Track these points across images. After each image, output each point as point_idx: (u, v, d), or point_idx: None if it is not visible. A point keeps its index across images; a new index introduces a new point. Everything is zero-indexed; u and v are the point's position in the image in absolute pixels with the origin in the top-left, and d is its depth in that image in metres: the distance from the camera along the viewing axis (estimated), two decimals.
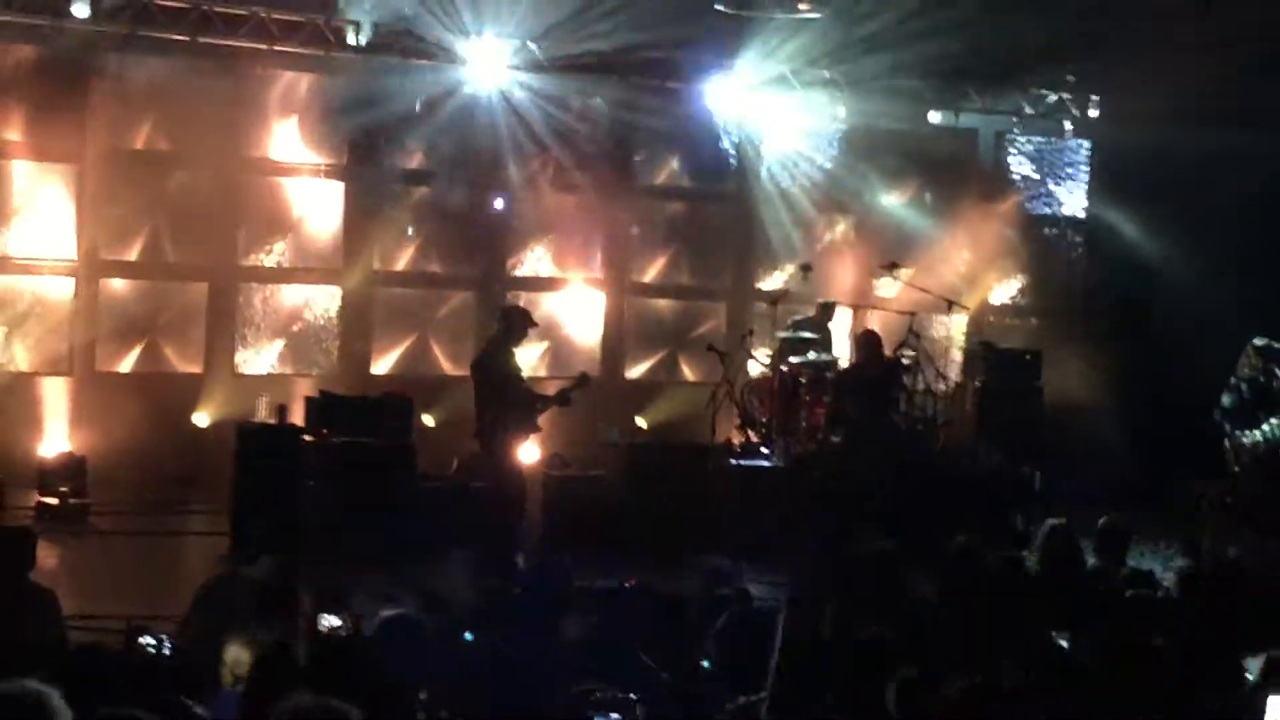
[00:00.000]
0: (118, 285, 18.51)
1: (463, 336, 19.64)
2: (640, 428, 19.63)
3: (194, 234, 18.62)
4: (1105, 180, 21.79)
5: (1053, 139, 22.13)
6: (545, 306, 19.70)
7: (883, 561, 9.38)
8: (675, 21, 18.52)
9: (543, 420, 14.86)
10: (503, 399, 14.26)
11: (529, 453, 15.69)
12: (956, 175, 21.79)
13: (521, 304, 17.00)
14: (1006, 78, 21.00)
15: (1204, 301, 18.81)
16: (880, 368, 17.52)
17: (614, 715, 6.98)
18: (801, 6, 18.60)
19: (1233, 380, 16.22)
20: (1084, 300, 22.04)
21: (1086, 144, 22.21)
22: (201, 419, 18.36)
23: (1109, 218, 21.60)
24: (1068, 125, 21.74)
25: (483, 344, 15.37)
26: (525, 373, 15.17)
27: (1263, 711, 6.80)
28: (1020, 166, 22.60)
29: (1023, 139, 22.32)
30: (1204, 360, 17.42)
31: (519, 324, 14.75)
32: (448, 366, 19.65)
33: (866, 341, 17.88)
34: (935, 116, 21.14)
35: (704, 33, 19.17)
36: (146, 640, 8.65)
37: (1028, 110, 21.62)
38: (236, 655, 7.44)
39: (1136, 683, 7.36)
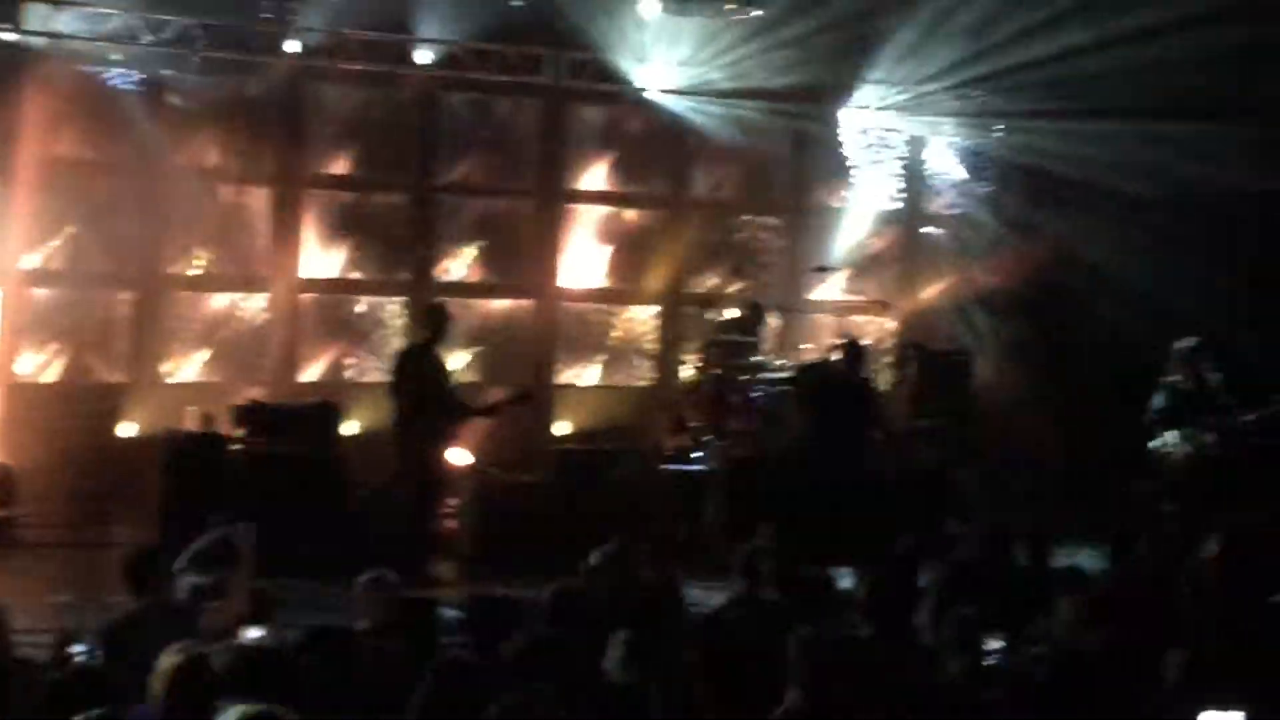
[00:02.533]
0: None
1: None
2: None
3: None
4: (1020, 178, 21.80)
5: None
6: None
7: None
8: None
9: (473, 425, 14.80)
10: (418, 402, 14.18)
11: (457, 457, 15.60)
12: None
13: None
14: None
15: (1130, 296, 18.88)
16: (859, 377, 17.08)
17: None
18: (728, 8, 18.81)
19: (1162, 381, 16.24)
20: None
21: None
22: (127, 429, 18.18)
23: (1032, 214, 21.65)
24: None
25: (406, 345, 15.29)
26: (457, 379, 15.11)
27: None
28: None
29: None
30: (1132, 358, 17.46)
31: (440, 324, 14.68)
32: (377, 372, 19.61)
33: (851, 348, 17.22)
34: None
35: None
36: (76, 649, 8.53)
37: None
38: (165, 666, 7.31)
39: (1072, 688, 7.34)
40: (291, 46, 18.70)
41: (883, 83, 20.94)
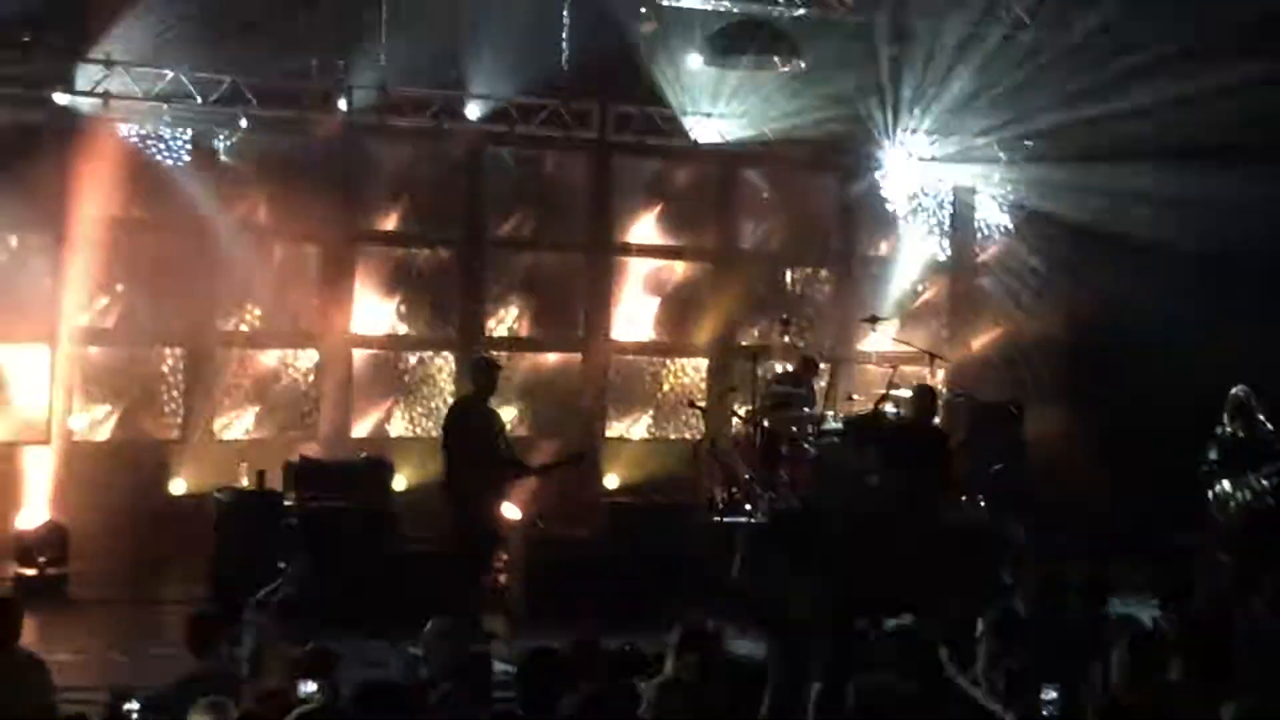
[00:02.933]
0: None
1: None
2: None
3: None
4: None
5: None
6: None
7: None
8: None
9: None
10: (468, 456, 14.13)
11: (509, 512, 15.60)
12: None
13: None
14: None
15: (1181, 345, 18.82)
16: (934, 427, 16.57)
17: None
18: (773, 60, 18.96)
19: (1216, 431, 16.17)
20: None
21: None
22: (179, 486, 18.26)
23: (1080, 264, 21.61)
24: None
25: (458, 399, 15.28)
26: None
27: None
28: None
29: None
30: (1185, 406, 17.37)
31: (489, 377, 14.63)
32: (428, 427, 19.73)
33: (922, 398, 16.37)
34: None
35: None
36: (131, 707, 8.54)
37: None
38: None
39: None
40: (341, 104, 18.84)
41: (931, 132, 20.98)
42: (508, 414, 17.63)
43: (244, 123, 18.29)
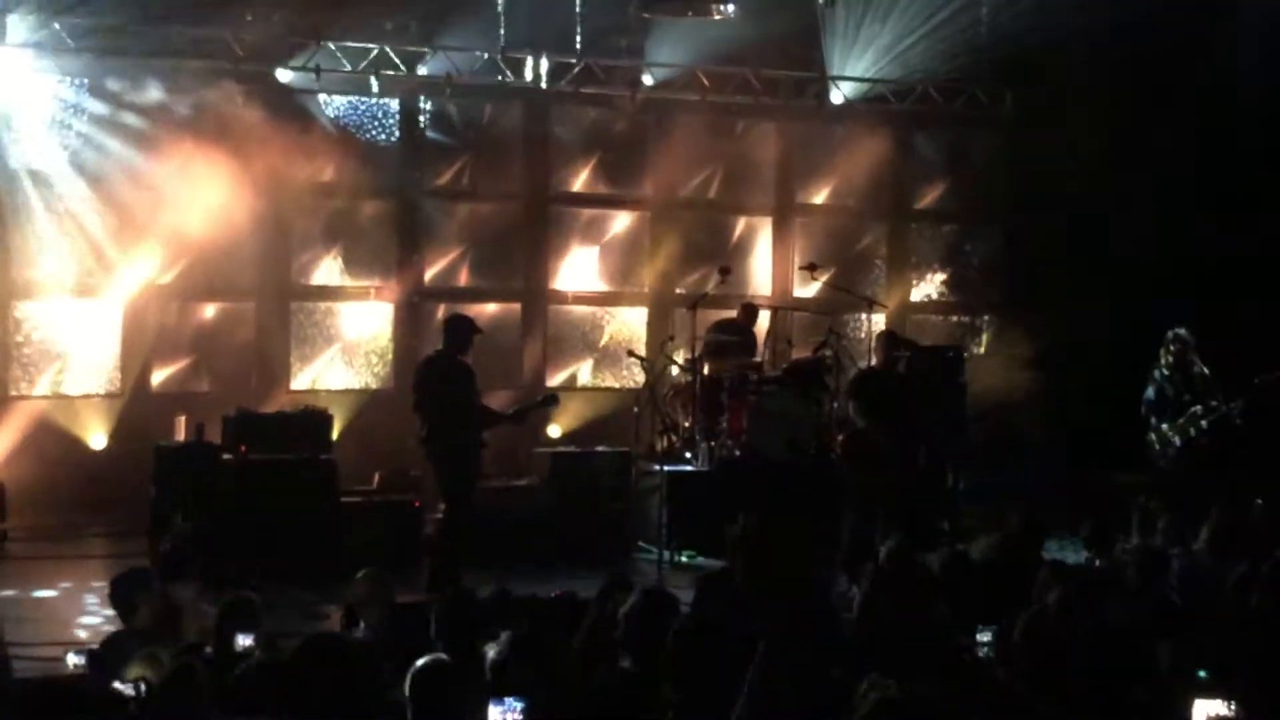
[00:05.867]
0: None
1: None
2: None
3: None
4: (1018, 176, 21.89)
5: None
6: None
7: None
8: None
9: None
10: (445, 410, 14.07)
11: None
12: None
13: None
14: None
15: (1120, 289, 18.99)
16: (899, 376, 16.56)
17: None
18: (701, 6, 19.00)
19: (1154, 372, 16.27)
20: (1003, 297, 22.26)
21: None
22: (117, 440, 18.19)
23: (1027, 218, 21.74)
24: None
25: (428, 354, 15.13)
26: None
27: (1187, 708, 6.75)
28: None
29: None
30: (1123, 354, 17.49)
31: (462, 333, 14.53)
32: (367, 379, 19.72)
33: (888, 345, 16.66)
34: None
35: None
36: (75, 660, 8.50)
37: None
38: (139, 673, 7.27)
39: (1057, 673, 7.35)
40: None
41: (870, 74, 21.05)
42: None
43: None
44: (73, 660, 8.48)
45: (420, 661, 7.03)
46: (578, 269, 20.82)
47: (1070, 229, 20.41)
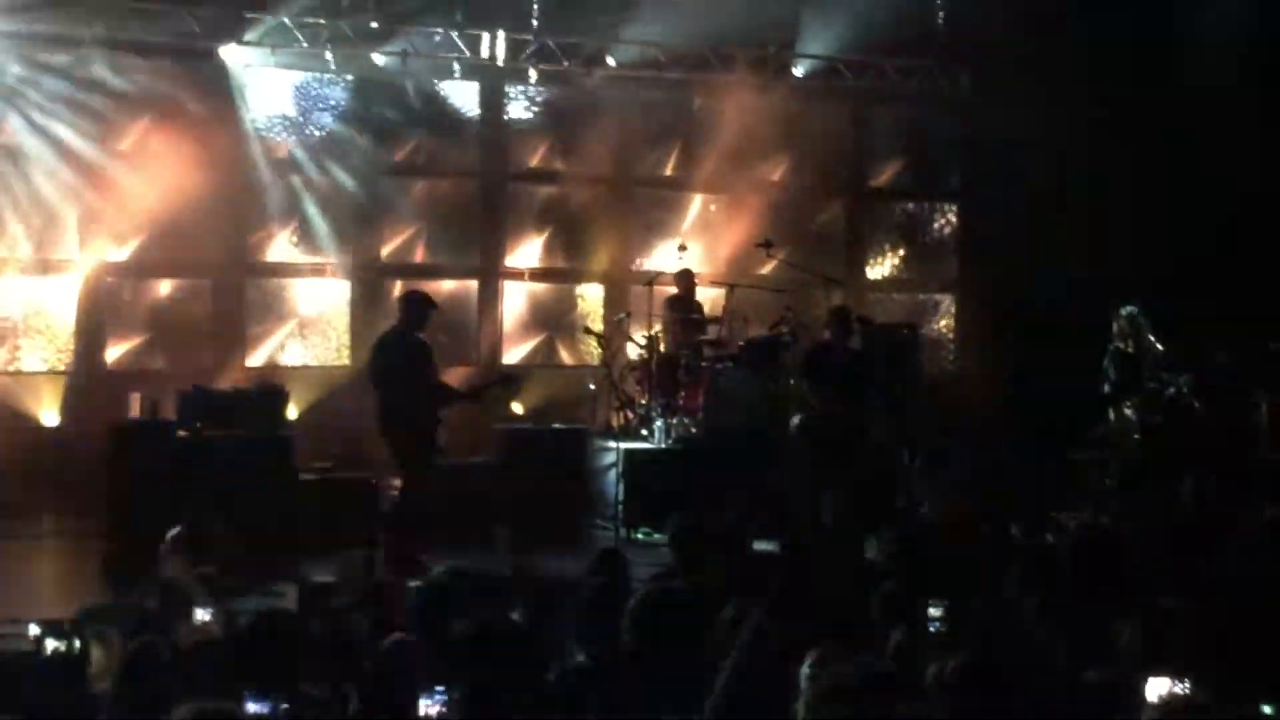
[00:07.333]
0: None
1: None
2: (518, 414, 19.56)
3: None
4: (976, 153, 21.93)
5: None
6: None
7: None
8: None
9: None
10: (401, 387, 14.02)
11: None
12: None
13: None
14: None
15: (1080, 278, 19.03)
16: (850, 350, 16.78)
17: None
18: None
19: (1110, 348, 16.36)
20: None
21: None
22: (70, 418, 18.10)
23: (984, 196, 21.80)
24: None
25: (383, 331, 15.10)
26: None
27: (1142, 688, 6.78)
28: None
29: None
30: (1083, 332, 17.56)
31: (418, 311, 14.50)
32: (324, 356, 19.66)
33: (842, 320, 16.89)
34: None
35: None
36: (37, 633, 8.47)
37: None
38: (100, 653, 7.28)
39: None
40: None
41: (830, 48, 21.05)
42: None
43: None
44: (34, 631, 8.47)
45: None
46: (534, 246, 20.77)
47: (1028, 206, 20.42)
